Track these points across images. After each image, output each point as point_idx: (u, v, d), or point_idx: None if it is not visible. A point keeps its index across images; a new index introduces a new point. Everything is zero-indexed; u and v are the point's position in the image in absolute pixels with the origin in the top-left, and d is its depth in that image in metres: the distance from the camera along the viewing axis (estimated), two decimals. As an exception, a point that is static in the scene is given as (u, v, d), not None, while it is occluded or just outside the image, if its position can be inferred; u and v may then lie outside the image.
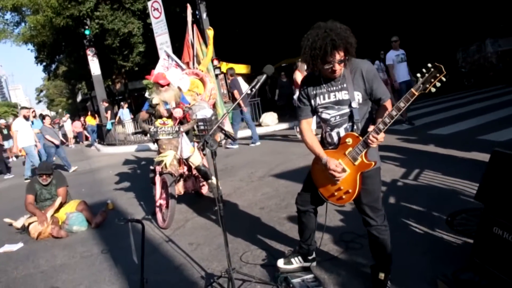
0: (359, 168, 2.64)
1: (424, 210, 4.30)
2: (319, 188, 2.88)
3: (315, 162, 2.88)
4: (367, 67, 2.67)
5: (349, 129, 2.70)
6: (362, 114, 2.69)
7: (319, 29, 2.48)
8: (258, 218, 4.81)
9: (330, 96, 2.70)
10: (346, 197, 2.74)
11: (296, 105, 2.89)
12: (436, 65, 2.31)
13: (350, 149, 2.63)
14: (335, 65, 2.52)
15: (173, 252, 4.16)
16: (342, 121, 2.71)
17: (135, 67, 21.51)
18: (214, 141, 2.86)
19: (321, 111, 2.75)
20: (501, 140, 6.81)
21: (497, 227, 2.81)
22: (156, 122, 5.11)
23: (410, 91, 2.38)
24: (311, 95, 2.78)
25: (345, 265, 3.37)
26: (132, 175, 9.03)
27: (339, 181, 2.70)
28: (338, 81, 2.67)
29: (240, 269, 3.50)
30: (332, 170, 2.65)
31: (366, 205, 2.77)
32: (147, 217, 5.42)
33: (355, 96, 2.64)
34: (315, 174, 2.90)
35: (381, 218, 2.82)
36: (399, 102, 2.41)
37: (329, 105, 2.71)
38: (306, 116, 2.85)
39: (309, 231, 3.18)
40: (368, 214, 2.79)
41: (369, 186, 2.74)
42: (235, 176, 7.07)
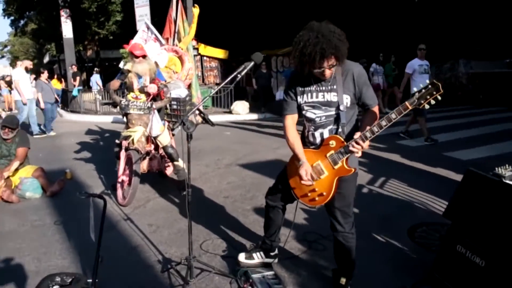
0: (338, 173, 2.58)
1: (387, 219, 4.33)
2: (292, 186, 2.81)
3: (294, 160, 2.80)
4: (359, 70, 2.61)
5: (334, 132, 2.63)
6: (349, 118, 2.63)
7: (311, 32, 2.38)
8: (222, 207, 4.71)
9: (318, 95, 2.62)
10: (319, 199, 2.68)
11: (282, 98, 2.80)
12: (435, 82, 2.28)
13: (332, 152, 2.57)
14: (325, 70, 2.46)
15: (131, 232, 4.01)
16: (327, 122, 2.64)
17: (109, 35, 20.85)
18: (191, 123, 2.73)
19: (307, 109, 2.68)
20: (464, 159, 6.97)
21: (461, 245, 2.84)
22: (129, 95, 4.90)
23: (404, 104, 2.34)
24: (298, 91, 2.69)
25: (306, 265, 3.34)
26: (95, 146, 8.72)
27: (315, 183, 2.64)
28: (329, 82, 2.59)
29: (199, 257, 3.39)
30: (304, 173, 2.59)
31: (338, 209, 2.73)
32: (106, 192, 5.23)
33: (344, 99, 2.57)
34: (291, 172, 2.82)
35: (350, 225, 2.78)
36: (391, 113, 2.36)
37: (316, 104, 2.64)
38: (291, 112, 2.75)
39: (275, 227, 3.12)
40: (337, 218, 2.75)
41: (344, 191, 2.69)
42: (201, 161, 6.94)
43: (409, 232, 4.04)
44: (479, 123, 10.72)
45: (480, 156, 7.02)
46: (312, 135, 2.71)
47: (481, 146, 7.65)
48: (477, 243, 2.73)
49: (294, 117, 2.77)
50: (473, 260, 2.73)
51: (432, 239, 3.95)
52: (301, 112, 2.73)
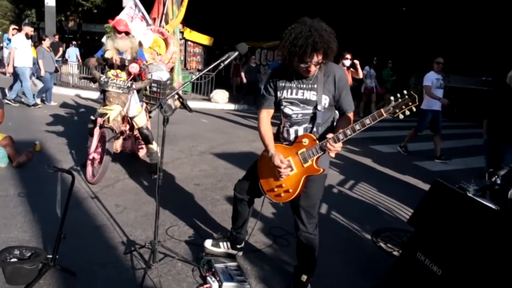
0: (306, 171, 2.61)
1: (353, 221, 4.40)
2: (261, 180, 2.83)
3: (265, 154, 2.82)
4: (341, 73, 2.64)
5: (308, 130, 2.65)
6: (325, 119, 2.66)
7: (304, 25, 2.39)
8: (192, 194, 4.70)
9: (298, 92, 2.64)
10: (284, 196, 2.70)
11: (261, 93, 2.81)
12: (412, 93, 2.32)
13: (303, 149, 2.59)
14: (311, 66, 2.47)
15: (97, 211, 3.96)
16: (303, 120, 2.66)
17: (94, 8, 20.37)
18: (169, 107, 2.71)
19: (285, 105, 2.69)
20: (433, 169, 7.15)
21: (421, 253, 2.91)
22: (109, 72, 4.80)
23: (379, 111, 2.37)
24: (279, 86, 2.70)
25: (270, 260, 3.37)
26: (68, 120, 8.53)
27: (283, 179, 2.66)
28: (310, 80, 2.61)
29: (164, 242, 3.38)
30: (276, 166, 2.60)
31: (302, 208, 2.75)
32: (76, 168, 5.13)
33: (323, 100, 2.60)
34: (261, 166, 2.84)
35: (313, 226, 2.81)
36: (365, 118, 2.39)
37: (294, 101, 2.65)
38: (268, 106, 2.77)
39: (242, 220, 3.13)
40: (301, 218, 2.77)
41: (311, 191, 2.72)
42: (175, 146, 6.88)
43: (373, 236, 4.12)
44: (451, 136, 10.97)
45: (449, 168, 7.20)
46: (286, 131, 2.72)
47: (452, 159, 7.84)
48: (436, 252, 2.80)
49: (269, 111, 2.79)
50: (431, 268, 2.80)
51: (394, 245, 4.04)
52: (279, 107, 2.74)
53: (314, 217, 2.79)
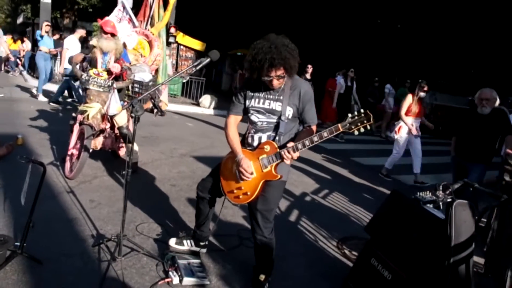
0: (265, 176, 2.76)
1: (322, 228, 4.54)
2: (222, 181, 2.99)
3: (229, 157, 2.97)
4: (307, 88, 2.81)
5: (271, 138, 2.81)
6: (288, 129, 2.82)
7: (267, 41, 2.59)
8: (166, 194, 4.81)
9: (265, 102, 2.81)
10: (242, 198, 2.86)
11: (232, 99, 2.96)
12: (368, 113, 2.50)
13: (264, 155, 2.75)
14: (273, 80, 2.64)
15: (71, 204, 4.06)
16: (267, 128, 2.82)
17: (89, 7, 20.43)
18: (140, 107, 2.85)
19: (252, 113, 2.85)
20: (409, 183, 7.33)
21: (374, 258, 3.06)
22: (91, 71, 4.91)
23: (336, 126, 2.53)
24: (248, 95, 2.87)
25: (233, 260, 3.49)
26: (53, 116, 8.60)
27: (243, 181, 2.80)
28: (277, 92, 2.78)
29: (133, 237, 3.50)
30: (243, 169, 2.75)
31: (259, 211, 2.89)
32: (55, 163, 5.22)
33: (287, 111, 2.76)
34: (224, 167, 3.00)
35: (268, 230, 2.95)
36: (323, 131, 2.56)
37: (261, 110, 2.82)
38: (236, 113, 2.94)
39: (204, 218, 3.27)
40: (258, 221, 2.91)
41: (268, 195, 2.86)
42: (157, 147, 6.99)
43: (338, 243, 4.26)
44: (433, 152, 11.15)
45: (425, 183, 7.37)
46: (251, 137, 2.88)
47: (428, 174, 8.03)
48: (388, 257, 2.96)
49: (237, 118, 2.96)
50: (382, 273, 2.96)
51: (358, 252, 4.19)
52: (247, 115, 2.90)
53: (270, 221, 2.94)
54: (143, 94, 5.38)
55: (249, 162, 2.78)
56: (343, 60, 17.39)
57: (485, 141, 4.91)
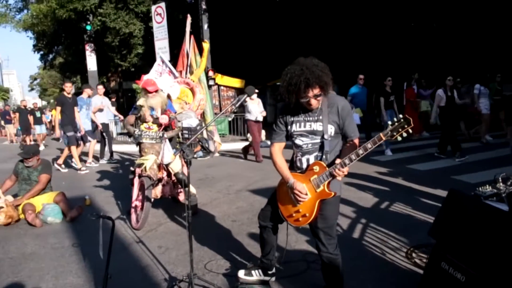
0: (319, 195, 2.84)
1: (387, 240, 4.48)
2: (280, 207, 3.09)
3: (282, 182, 3.07)
4: (344, 104, 2.89)
5: (318, 158, 2.90)
6: (333, 146, 2.90)
7: (297, 65, 2.71)
8: (229, 230, 4.96)
9: (306, 125, 2.91)
10: (302, 220, 2.93)
11: (273, 128, 3.09)
12: (407, 117, 2.55)
13: (315, 176, 2.83)
14: (311, 100, 2.74)
15: (141, 253, 4.29)
16: (313, 149, 2.91)
17: (131, 67, 21.64)
18: (190, 151, 3.03)
19: (296, 137, 2.96)
20: (472, 182, 7.04)
21: (444, 262, 3.00)
22: (142, 126, 5.26)
23: (379, 135, 2.59)
24: (288, 121, 2.98)
25: (303, 284, 3.53)
26: (114, 174, 9.12)
27: (299, 204, 2.89)
28: (315, 113, 2.88)
29: (203, 276, 3.63)
30: (297, 191, 2.84)
31: (320, 230, 2.96)
32: (122, 217, 5.53)
33: (328, 129, 2.85)
34: (280, 194, 3.10)
35: (333, 246, 2.99)
36: (367, 143, 2.62)
37: (303, 133, 2.92)
38: (279, 140, 3.06)
39: (269, 247, 3.36)
40: (321, 239, 2.97)
41: (326, 212, 2.93)
42: (213, 187, 7.22)
43: (407, 253, 4.18)
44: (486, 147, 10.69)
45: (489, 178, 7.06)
46: (299, 161, 2.98)
47: (483, 171, 7.72)
48: (458, 259, 2.89)
49: (281, 145, 3.08)
50: (455, 276, 2.89)
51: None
52: (291, 139, 3.01)
53: (333, 237, 2.99)
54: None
55: (302, 184, 2.86)
56: (386, 66, 17.20)
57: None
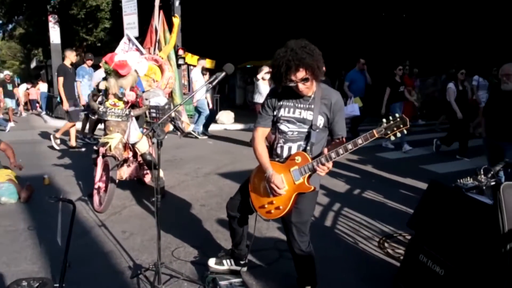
0: (298, 188, 2.65)
1: (359, 229, 4.41)
2: (252, 196, 2.88)
3: (258, 171, 2.87)
4: (337, 99, 2.71)
5: (302, 148, 2.71)
6: (319, 139, 2.71)
7: (284, 47, 2.52)
8: (198, 215, 4.75)
9: (295, 111, 2.70)
10: (274, 213, 2.74)
11: (258, 111, 2.88)
12: (404, 117, 2.40)
13: (296, 167, 2.64)
14: (298, 84, 2.54)
15: (104, 238, 4.03)
16: (298, 138, 2.72)
17: (97, 42, 20.80)
18: (162, 131, 2.79)
19: (282, 122, 2.75)
20: (440, 172, 7.13)
21: (423, 254, 2.92)
22: (107, 102, 4.93)
23: (372, 132, 2.43)
24: (276, 105, 2.77)
25: (275, 274, 3.38)
26: (76, 153, 8.69)
27: (274, 196, 2.71)
28: (307, 101, 2.68)
29: (170, 264, 3.43)
30: (275, 185, 2.64)
31: (294, 224, 2.78)
32: (84, 198, 5.23)
33: (318, 120, 2.66)
34: (253, 182, 2.90)
35: (305, 244, 2.83)
36: (358, 138, 2.45)
37: (291, 119, 2.71)
38: (264, 125, 2.83)
39: (239, 237, 3.18)
40: (293, 234, 2.80)
41: (302, 206, 2.75)
42: (181, 169, 6.97)
43: (380, 243, 4.12)
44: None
45: (456, 169, 7.15)
46: (280, 148, 2.78)
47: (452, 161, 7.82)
48: (437, 252, 2.81)
49: (265, 130, 2.85)
50: (433, 269, 2.81)
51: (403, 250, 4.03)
52: (276, 125, 2.81)
53: (306, 234, 2.82)
54: (161, 118, 5.37)
55: (280, 176, 2.66)
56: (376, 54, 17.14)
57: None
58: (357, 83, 9.90)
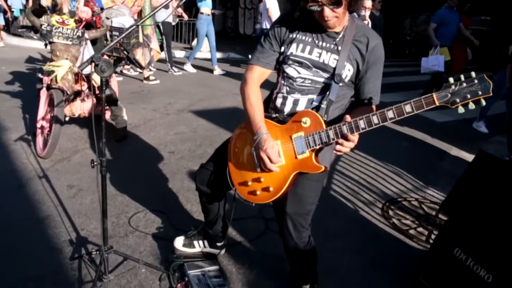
0: (299, 165, 1.79)
1: (360, 190, 3.74)
2: (230, 166, 2.00)
3: (243, 130, 1.99)
4: (377, 43, 1.82)
5: (313, 106, 1.85)
6: (340, 98, 1.86)
7: None
8: (165, 166, 3.91)
9: (313, 50, 1.82)
10: (261, 195, 1.88)
11: (260, 42, 1.96)
12: (485, 78, 1.51)
13: (301, 133, 1.77)
14: (324, 9, 1.63)
15: (43, 196, 3.15)
16: (309, 90, 1.85)
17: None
18: (108, 64, 1.87)
19: (290, 63, 1.86)
20: (438, 120, 6.48)
21: (460, 249, 2.20)
22: (53, 18, 3.85)
23: (430, 97, 1.57)
24: (287, 38, 1.87)
25: (261, 255, 2.67)
26: (29, 79, 7.52)
27: (263, 170, 1.85)
28: (333, 38, 1.80)
29: (125, 237, 2.66)
30: (265, 155, 1.76)
31: (289, 216, 1.95)
32: (26, 137, 4.28)
33: (345, 69, 1.79)
34: (235, 146, 2.01)
35: (304, 240, 2.05)
36: (406, 103, 1.60)
37: (305, 61, 1.83)
38: (265, 64, 1.91)
39: (213, 215, 2.36)
40: (289, 229, 1.99)
41: (303, 192, 1.93)
42: (149, 104, 6.00)
43: (383, 211, 3.47)
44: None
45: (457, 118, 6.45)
46: (282, 98, 1.90)
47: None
48: (484, 250, 2.09)
49: (264, 72, 1.93)
50: (475, 271, 2.11)
51: (409, 219, 3.38)
52: (282, 65, 1.92)
53: (305, 228, 2.03)
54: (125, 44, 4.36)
55: (276, 144, 1.81)
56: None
57: None
58: (448, 27, 7.34)
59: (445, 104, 1.57)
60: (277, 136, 1.82)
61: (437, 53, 7.18)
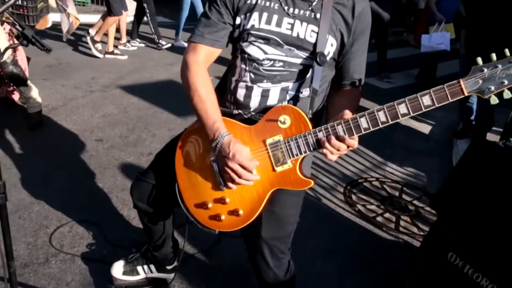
0: (278, 181, 1.34)
1: (318, 173, 3.41)
2: (181, 183, 1.47)
3: (193, 132, 1.47)
4: (365, 7, 1.36)
5: (290, 98, 1.38)
6: (322, 84, 1.40)
7: None
8: (92, 159, 3.26)
9: (282, 21, 1.33)
10: (227, 221, 1.41)
11: (202, 13, 1.42)
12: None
13: (279, 137, 1.30)
14: None
15: None
16: (283, 76, 1.36)
17: None
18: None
19: (252, 41, 1.35)
20: (383, 87, 6.28)
21: (455, 253, 1.89)
22: None
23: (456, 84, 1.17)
24: (242, 5, 1.35)
25: (218, 267, 2.23)
26: None
27: (228, 188, 1.37)
28: (308, 1, 1.32)
29: (45, 263, 2.08)
30: (235, 163, 1.27)
31: (266, 241, 1.50)
32: None
33: (327, 44, 1.33)
34: (184, 155, 1.47)
35: (284, 267, 1.62)
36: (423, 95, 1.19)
37: (273, 36, 1.33)
38: (212, 41, 1.39)
39: (160, 236, 1.84)
40: (265, 258, 1.54)
41: (283, 211, 1.49)
42: (69, 80, 5.16)
43: (345, 194, 3.19)
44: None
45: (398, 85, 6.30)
46: (245, 89, 1.39)
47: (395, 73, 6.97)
48: (484, 257, 1.79)
49: (212, 52, 1.41)
50: (475, 279, 1.81)
51: (374, 205, 3.11)
52: (237, 44, 1.41)
53: (284, 253, 1.59)
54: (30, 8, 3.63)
55: (246, 148, 1.31)
56: None
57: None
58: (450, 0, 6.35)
59: (475, 94, 1.16)
60: (245, 141, 1.33)
61: (441, 29, 6.17)
